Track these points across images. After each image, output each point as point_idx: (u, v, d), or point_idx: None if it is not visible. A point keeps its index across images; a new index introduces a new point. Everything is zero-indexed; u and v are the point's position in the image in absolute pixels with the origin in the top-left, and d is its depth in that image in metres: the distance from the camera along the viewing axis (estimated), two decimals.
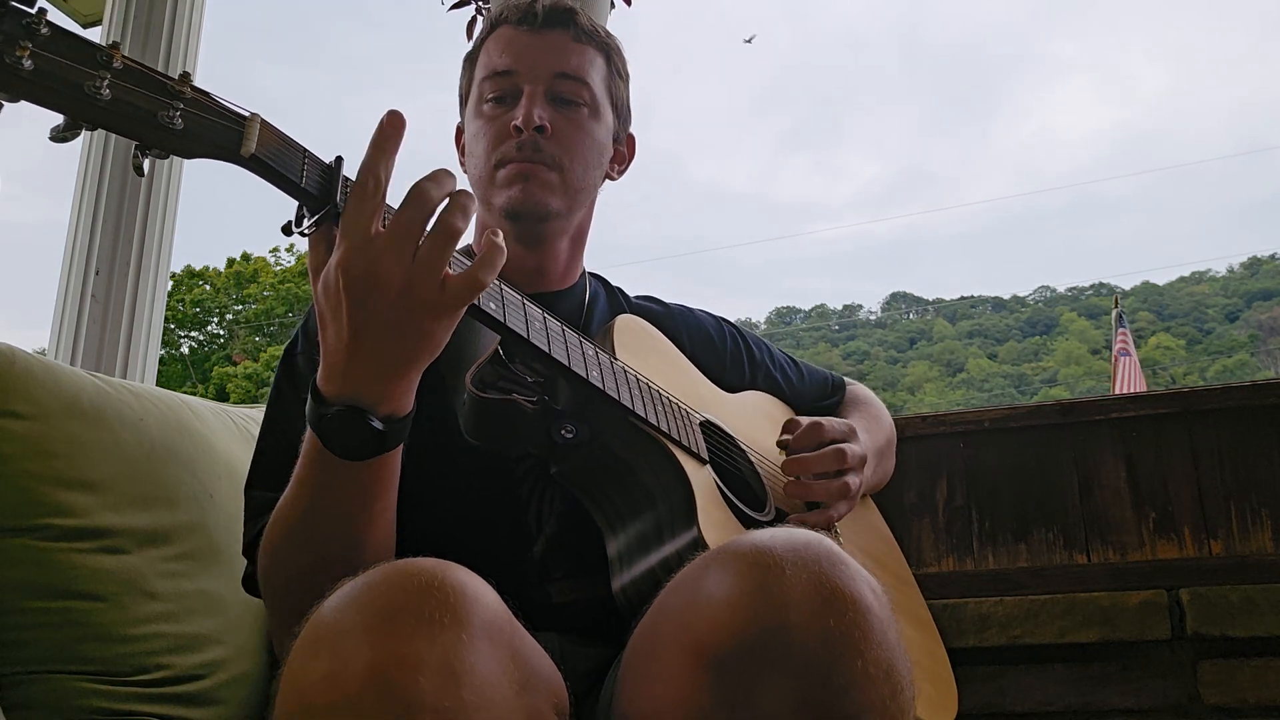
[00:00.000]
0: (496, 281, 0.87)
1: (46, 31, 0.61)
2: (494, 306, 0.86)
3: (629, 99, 1.26)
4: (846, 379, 1.52)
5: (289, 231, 0.78)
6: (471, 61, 1.23)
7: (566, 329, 0.96)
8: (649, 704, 0.75)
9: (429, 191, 0.77)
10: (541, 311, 0.93)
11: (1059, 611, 1.57)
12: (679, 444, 1.02)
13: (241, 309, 28.75)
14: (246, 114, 0.72)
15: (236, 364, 26.02)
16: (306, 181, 0.76)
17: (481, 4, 2.40)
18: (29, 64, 0.61)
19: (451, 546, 0.98)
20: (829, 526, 1.14)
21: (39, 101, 0.63)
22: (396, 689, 0.60)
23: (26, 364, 1.04)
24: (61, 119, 0.65)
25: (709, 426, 1.13)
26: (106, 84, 0.64)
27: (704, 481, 1.02)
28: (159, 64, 2.15)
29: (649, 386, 1.04)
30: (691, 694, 0.70)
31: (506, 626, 0.68)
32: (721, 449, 1.14)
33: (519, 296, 0.91)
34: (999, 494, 1.74)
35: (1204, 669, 1.51)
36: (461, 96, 1.25)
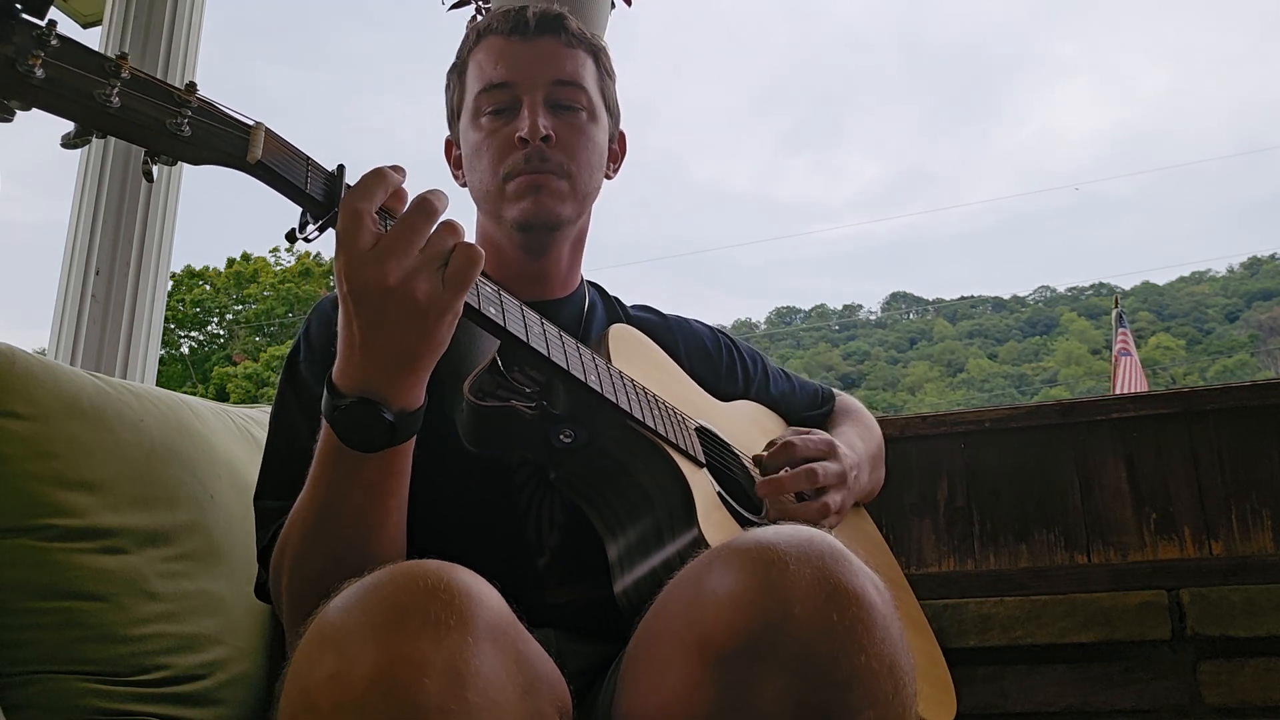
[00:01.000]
0: (495, 287, 0.89)
1: (56, 42, 0.63)
2: (494, 311, 0.87)
3: (618, 97, 1.27)
4: (836, 390, 1.52)
5: (293, 238, 0.82)
6: (460, 74, 1.22)
7: (564, 335, 0.97)
8: (652, 699, 0.75)
9: (433, 202, 0.81)
10: (539, 317, 0.94)
11: (1060, 612, 1.57)
12: (676, 447, 1.02)
13: (241, 309, 28.75)
14: (251, 122, 0.75)
15: (236, 364, 26.02)
16: (310, 187, 0.78)
17: (481, 4, 2.39)
18: (41, 73, 0.63)
19: (452, 555, 0.98)
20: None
21: (51, 109, 0.65)
22: (402, 690, 0.61)
23: (26, 364, 1.04)
24: (72, 126, 0.67)
25: (704, 432, 1.14)
26: (116, 92, 0.66)
27: (702, 484, 1.02)
28: (159, 64, 2.15)
29: (644, 390, 1.05)
30: (695, 689, 0.70)
31: (511, 629, 0.68)
32: (717, 454, 1.14)
33: (516, 302, 0.92)
34: (999, 494, 1.74)
35: (1205, 669, 1.51)
36: (453, 109, 1.24)
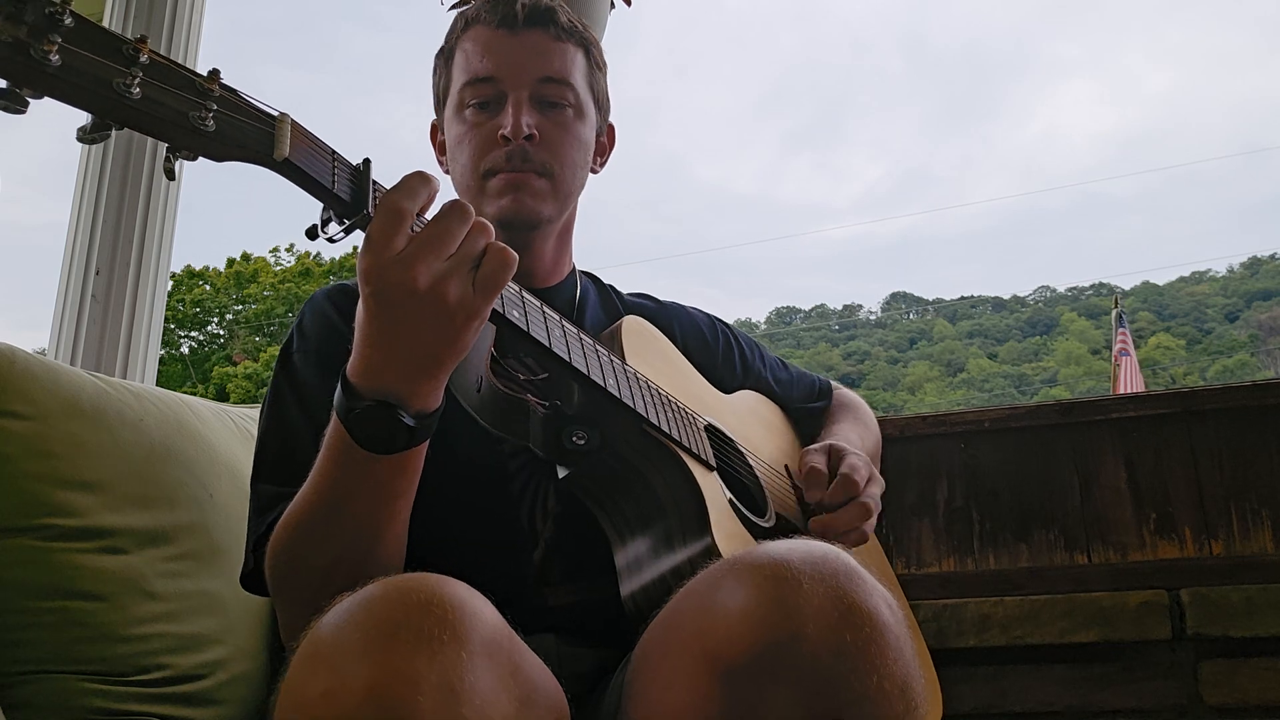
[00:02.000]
0: (516, 286, 0.87)
1: (71, 22, 0.58)
2: (517, 314, 0.86)
3: (608, 89, 1.25)
4: (833, 383, 1.52)
5: (314, 236, 0.77)
6: (447, 60, 1.19)
7: (582, 334, 0.96)
8: (659, 710, 0.74)
9: (467, 210, 0.79)
10: (559, 317, 0.93)
11: (1059, 612, 1.57)
12: (689, 451, 1.01)
13: (241, 309, 28.74)
14: (276, 113, 0.70)
15: (236, 364, 26.01)
16: (338, 186, 0.74)
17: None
18: (57, 59, 0.57)
19: (448, 549, 0.97)
20: None
21: (66, 99, 0.59)
22: (396, 707, 0.60)
23: (26, 364, 1.04)
24: (88, 119, 0.62)
25: (712, 431, 1.13)
26: (137, 82, 0.60)
27: (713, 489, 1.01)
28: None
29: (659, 392, 1.04)
30: (703, 702, 0.70)
31: (506, 643, 0.68)
32: (725, 455, 1.14)
33: (537, 303, 0.90)
34: (999, 494, 1.74)
35: (1205, 669, 1.51)
36: (438, 95, 1.21)
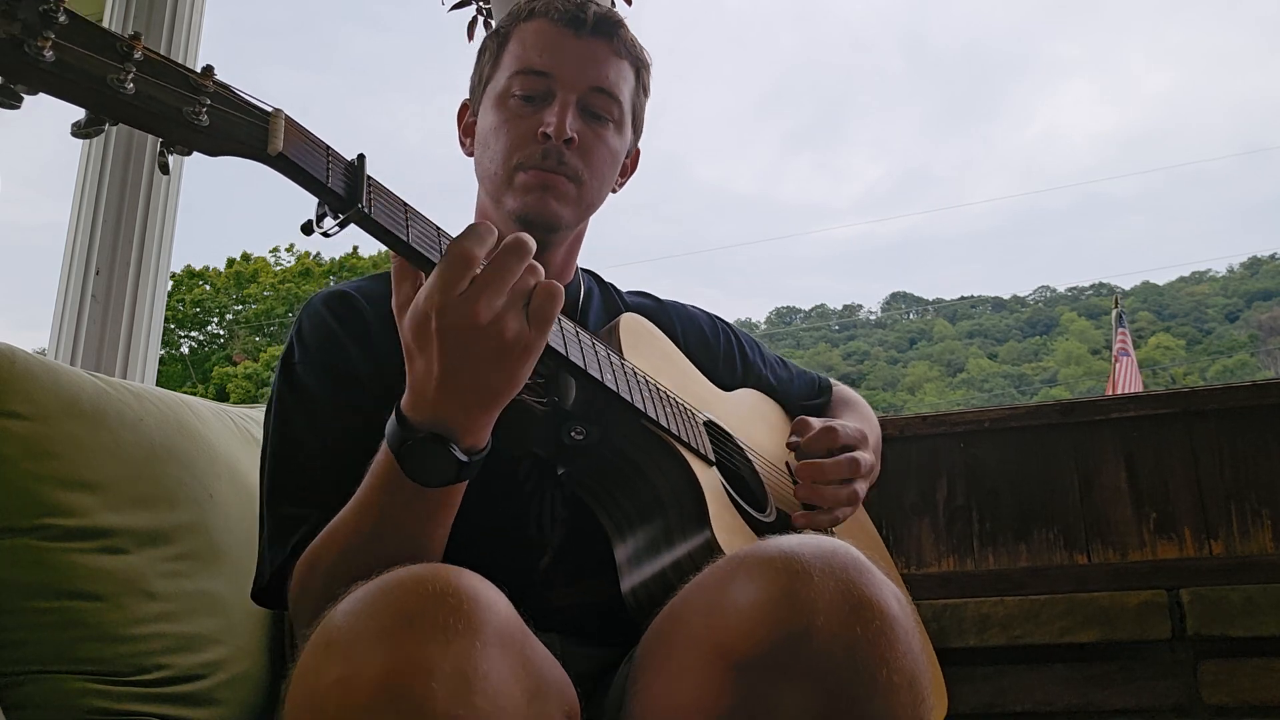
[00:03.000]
0: None
1: (65, 19, 0.58)
2: None
3: (645, 114, 1.25)
4: (833, 380, 1.52)
5: (309, 231, 0.77)
6: (501, 44, 1.16)
7: (579, 330, 0.96)
8: (667, 703, 0.75)
9: (526, 243, 0.81)
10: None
11: (1059, 611, 1.57)
12: (688, 446, 1.02)
13: (241, 309, 28.74)
14: (270, 109, 0.71)
15: (236, 364, 26.01)
16: (332, 181, 0.74)
17: (482, 3, 2.39)
18: (50, 55, 0.57)
19: (455, 556, 0.98)
20: (830, 529, 1.14)
21: (60, 95, 0.60)
22: (409, 695, 0.60)
23: (26, 364, 1.04)
24: (83, 114, 0.62)
25: (712, 426, 1.13)
26: (131, 77, 0.61)
27: (712, 483, 1.02)
28: None
29: (657, 388, 1.04)
30: (713, 695, 0.70)
31: (518, 634, 0.68)
32: (724, 450, 1.14)
33: None
34: (999, 494, 1.74)
35: (1204, 669, 1.51)
36: (482, 78, 1.18)
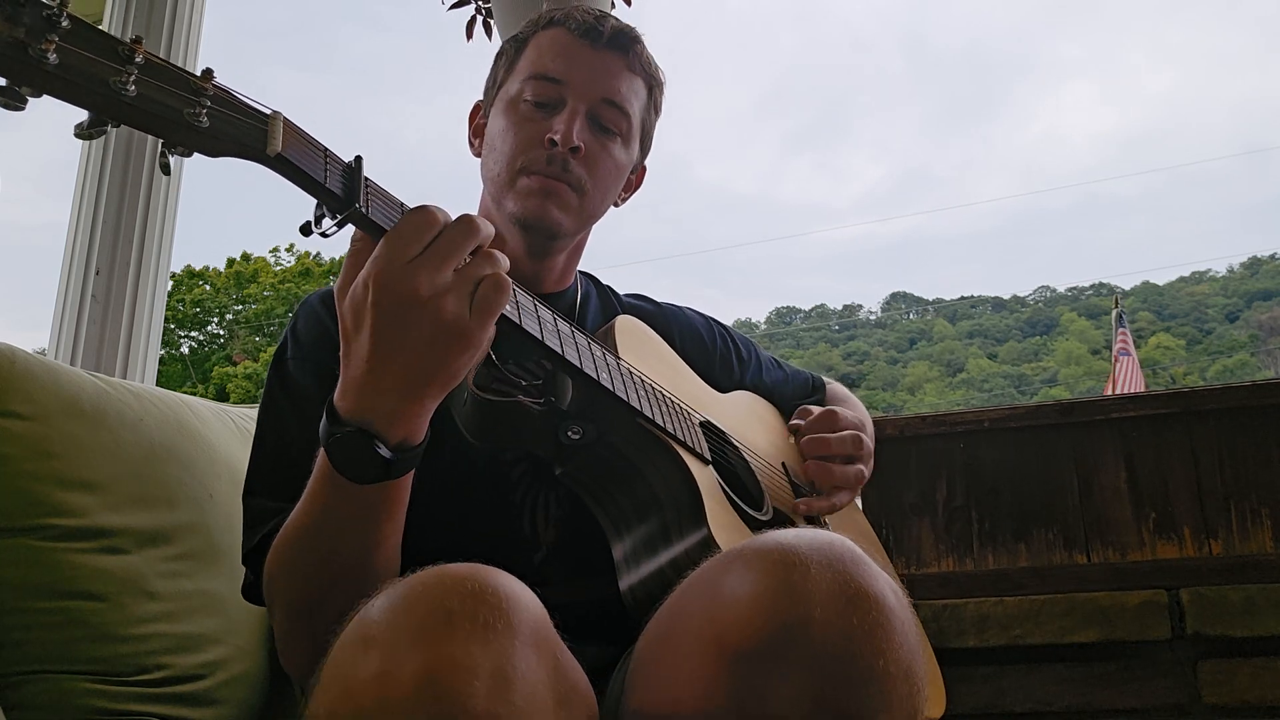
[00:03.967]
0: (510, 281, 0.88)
1: (68, 24, 0.60)
2: (509, 309, 0.86)
3: (654, 133, 1.25)
4: (826, 379, 1.53)
5: (307, 232, 0.78)
6: (519, 48, 1.18)
7: (575, 330, 0.96)
8: (665, 696, 0.75)
9: (477, 224, 0.79)
10: (551, 313, 0.94)
11: (1059, 611, 1.57)
12: (684, 444, 1.02)
13: (241, 309, 28.75)
14: (268, 112, 0.72)
15: (236, 364, 26.02)
16: (330, 181, 0.75)
17: (481, 3, 2.39)
18: (54, 58, 0.59)
19: (448, 557, 0.98)
20: (828, 515, 1.15)
21: (64, 97, 0.62)
22: (449, 693, 0.61)
23: (27, 364, 1.04)
24: (85, 116, 0.64)
25: (707, 426, 1.14)
26: (132, 80, 0.63)
27: (708, 481, 1.02)
28: None
29: (653, 387, 1.04)
30: (711, 686, 0.71)
31: (550, 635, 0.69)
32: (721, 449, 1.14)
33: (530, 299, 0.91)
34: (999, 494, 1.74)
35: (1204, 669, 1.51)
36: (496, 81, 1.20)
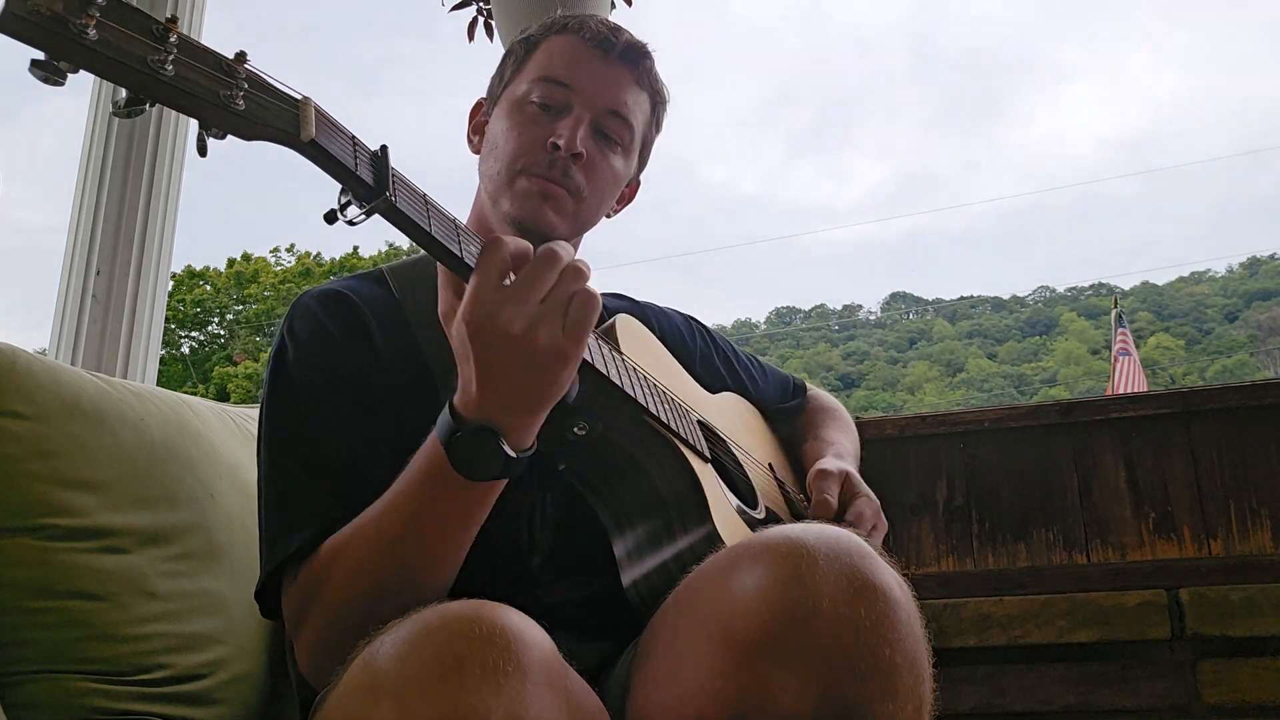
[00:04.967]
0: None
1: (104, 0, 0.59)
2: None
3: (653, 149, 1.26)
4: (807, 383, 1.53)
5: (332, 219, 0.77)
6: (528, 50, 1.18)
7: None
8: (673, 690, 0.76)
9: (558, 252, 0.81)
10: None
11: (1059, 611, 1.57)
12: (685, 442, 1.02)
13: (242, 309, 28.75)
14: (299, 96, 0.72)
15: (237, 364, 26.02)
16: (360, 169, 0.75)
17: (482, 4, 2.40)
18: (94, 33, 0.59)
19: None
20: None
21: (103, 73, 0.61)
22: None
23: (27, 364, 1.05)
24: (123, 94, 0.64)
25: (704, 426, 1.14)
26: (171, 59, 0.63)
27: (710, 478, 1.03)
28: None
29: (656, 385, 1.05)
30: (719, 679, 0.72)
31: (559, 668, 0.69)
32: (715, 448, 1.15)
33: None
34: (999, 494, 1.74)
35: (1204, 669, 1.51)
36: (502, 80, 1.20)
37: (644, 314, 1.33)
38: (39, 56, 0.59)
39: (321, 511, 0.94)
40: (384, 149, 0.79)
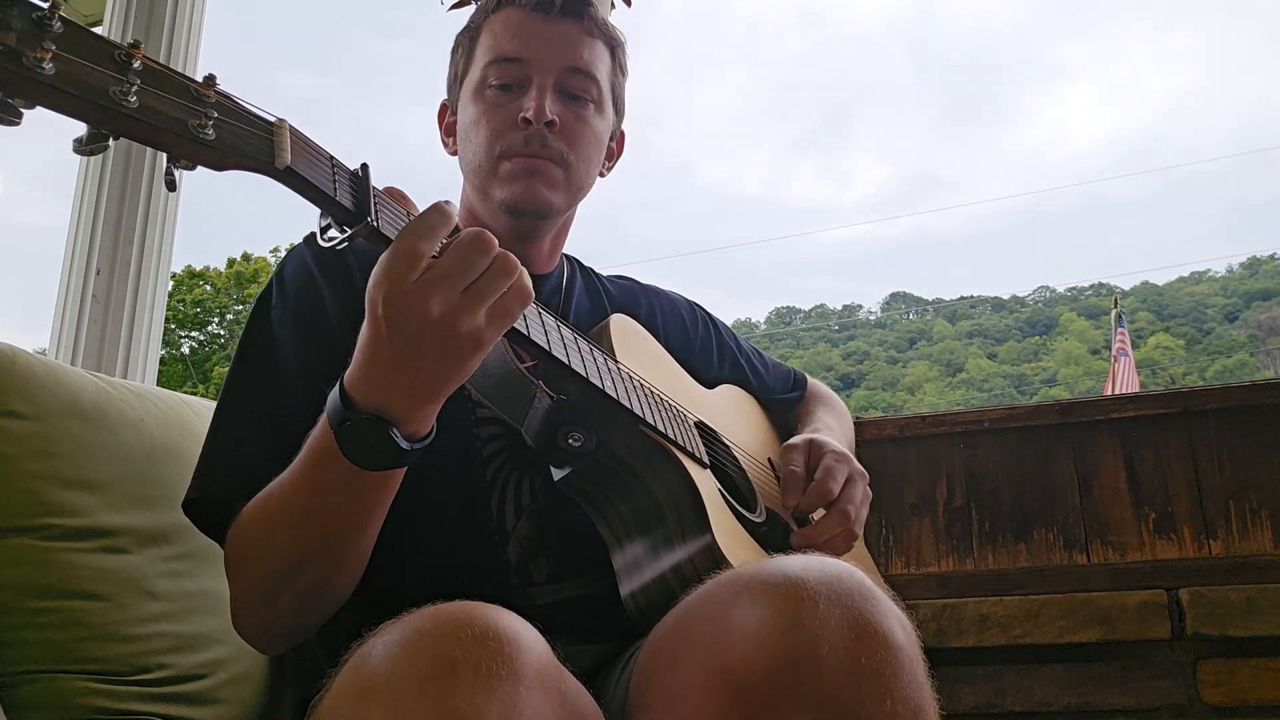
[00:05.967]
0: None
1: (60, 27, 0.55)
2: (519, 322, 0.85)
3: (625, 95, 1.24)
4: (807, 376, 1.53)
5: (312, 244, 0.76)
6: (472, 39, 1.17)
7: (578, 336, 0.96)
8: None
9: (488, 239, 0.77)
10: (555, 320, 0.93)
11: (1059, 612, 1.57)
12: (683, 450, 1.01)
13: (242, 309, 28.74)
14: (273, 119, 0.68)
15: None
16: (339, 194, 0.72)
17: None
18: (50, 67, 0.54)
19: (413, 531, 0.97)
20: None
21: (61, 109, 0.57)
22: None
23: (28, 364, 1.05)
24: (84, 130, 0.59)
25: (702, 427, 1.13)
26: (134, 90, 0.58)
27: (708, 486, 1.02)
28: None
29: (652, 391, 1.04)
30: (715, 719, 0.70)
31: (554, 670, 0.68)
32: (715, 451, 1.14)
33: (535, 306, 0.89)
34: (999, 494, 1.74)
35: (1204, 669, 1.51)
36: (457, 75, 1.19)
37: (645, 296, 1.32)
38: None
39: (261, 467, 0.91)
40: (364, 168, 0.76)
